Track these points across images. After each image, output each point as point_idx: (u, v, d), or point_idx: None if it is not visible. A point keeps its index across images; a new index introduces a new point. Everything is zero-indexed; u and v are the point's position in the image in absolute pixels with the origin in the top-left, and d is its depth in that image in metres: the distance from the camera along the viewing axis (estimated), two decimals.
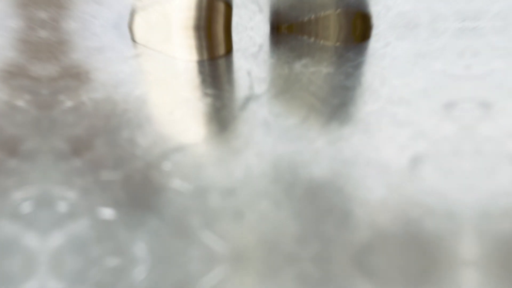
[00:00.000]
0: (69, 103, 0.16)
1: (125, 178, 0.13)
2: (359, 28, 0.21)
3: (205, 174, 0.13)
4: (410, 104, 0.16)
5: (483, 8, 0.25)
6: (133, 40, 0.21)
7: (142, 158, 0.13)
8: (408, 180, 0.13)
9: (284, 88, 0.18)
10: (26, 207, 0.11)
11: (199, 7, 0.18)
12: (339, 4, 0.20)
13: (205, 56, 0.20)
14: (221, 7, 0.19)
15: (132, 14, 0.20)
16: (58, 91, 0.17)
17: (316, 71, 0.19)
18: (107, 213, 0.11)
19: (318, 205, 0.12)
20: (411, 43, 0.21)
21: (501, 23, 0.23)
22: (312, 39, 0.22)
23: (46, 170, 0.13)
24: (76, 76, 0.18)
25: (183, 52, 0.19)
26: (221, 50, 0.20)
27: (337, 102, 0.16)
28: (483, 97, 0.17)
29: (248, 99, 0.17)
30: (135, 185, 0.12)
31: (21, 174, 0.13)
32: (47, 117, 0.15)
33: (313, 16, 0.21)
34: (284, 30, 0.23)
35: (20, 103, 0.16)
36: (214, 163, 0.13)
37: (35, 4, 0.26)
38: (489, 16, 0.24)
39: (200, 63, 0.19)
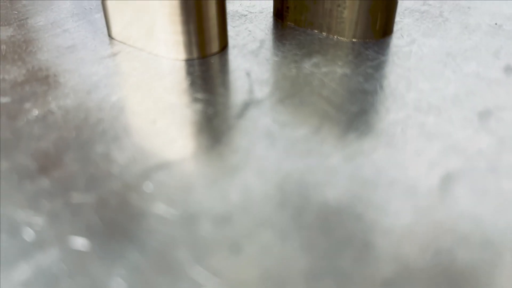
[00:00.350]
0: (35, 112, 0.16)
1: (100, 201, 0.13)
2: (379, 22, 0.21)
3: (194, 197, 0.13)
4: (440, 113, 0.16)
5: None
6: (110, 36, 0.22)
7: (119, 177, 0.14)
8: (438, 203, 0.13)
9: (291, 92, 0.18)
10: None
11: None
12: None
13: (195, 54, 0.20)
14: None
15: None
16: (23, 98, 0.17)
17: (330, 71, 0.19)
18: (80, 242, 0.12)
19: (332, 234, 0.12)
20: (440, 40, 0.22)
21: None
22: (324, 34, 0.22)
23: (8, 191, 0.13)
24: (44, 80, 0.18)
25: (169, 49, 0.20)
26: (215, 47, 0.20)
27: (355, 110, 0.17)
28: None
29: (247, 105, 0.17)
30: (111, 210, 0.12)
31: None
32: (10, 129, 0.16)
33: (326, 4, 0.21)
34: (291, 23, 0.23)
35: None
36: (205, 184, 0.13)
37: None
38: None
39: (189, 62, 0.20)
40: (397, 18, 0.24)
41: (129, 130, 0.16)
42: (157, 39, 0.20)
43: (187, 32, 0.19)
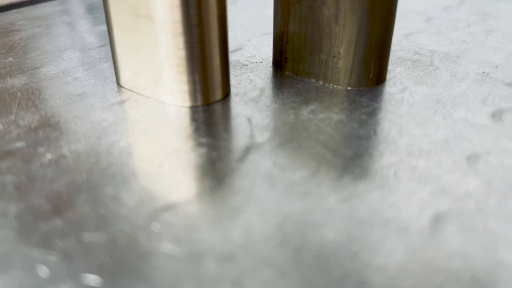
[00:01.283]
0: (48, 156, 0.18)
1: (110, 240, 0.14)
2: (372, 71, 0.23)
3: (199, 236, 0.14)
4: (431, 157, 0.18)
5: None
6: (118, 84, 0.23)
7: (128, 218, 0.14)
8: (429, 242, 0.14)
9: (290, 136, 0.19)
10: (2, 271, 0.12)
11: (191, 47, 0.20)
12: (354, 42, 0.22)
13: (200, 102, 0.21)
14: (216, 47, 0.21)
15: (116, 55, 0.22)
16: (37, 143, 0.18)
17: (326, 118, 0.20)
18: (92, 279, 0.12)
19: (330, 272, 0.13)
20: (431, 88, 0.23)
21: None
22: (321, 83, 0.24)
23: (24, 231, 0.14)
24: (56, 126, 0.20)
25: (175, 97, 0.21)
26: (218, 94, 0.22)
27: (350, 154, 0.18)
28: (508, 149, 0.18)
29: (248, 149, 0.18)
30: (121, 249, 0.13)
31: None
32: (25, 172, 0.17)
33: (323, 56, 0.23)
34: (289, 72, 0.25)
35: None
36: (209, 224, 0.14)
37: (4, 49, 0.29)
38: None
39: (194, 109, 0.21)
40: (390, 67, 0.26)
41: (137, 174, 0.17)
42: (163, 88, 0.21)
43: (192, 82, 0.21)
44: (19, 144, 0.18)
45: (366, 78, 0.23)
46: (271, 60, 0.26)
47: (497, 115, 0.20)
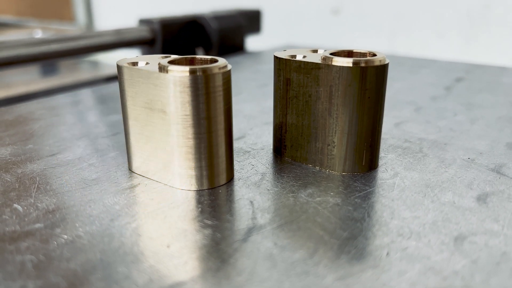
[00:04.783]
0: (64, 237, 0.19)
1: None
2: (365, 158, 0.25)
3: None
4: (420, 238, 0.19)
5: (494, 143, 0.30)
6: (130, 169, 0.25)
7: None
8: None
9: (290, 218, 0.20)
10: None
11: (199, 137, 0.22)
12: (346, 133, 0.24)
13: (206, 186, 0.23)
14: (222, 136, 0.23)
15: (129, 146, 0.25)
16: (54, 224, 0.20)
17: (323, 201, 0.22)
18: None
19: None
20: (420, 173, 0.25)
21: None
22: (317, 168, 0.26)
23: None
24: (71, 208, 0.21)
25: (183, 182, 0.23)
26: (222, 179, 0.24)
27: (346, 235, 0.19)
28: (493, 230, 0.19)
29: (251, 230, 0.19)
30: None
31: None
32: (42, 251, 0.18)
33: (319, 145, 0.25)
34: (288, 158, 0.27)
35: None
36: None
37: (24, 137, 0.31)
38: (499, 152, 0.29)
39: (200, 192, 0.23)
40: (382, 154, 0.28)
41: (147, 254, 0.18)
42: (172, 173, 0.23)
43: (199, 168, 0.23)
44: (38, 226, 0.20)
45: (359, 165, 0.25)
46: (272, 147, 0.29)
47: (481, 199, 0.22)
